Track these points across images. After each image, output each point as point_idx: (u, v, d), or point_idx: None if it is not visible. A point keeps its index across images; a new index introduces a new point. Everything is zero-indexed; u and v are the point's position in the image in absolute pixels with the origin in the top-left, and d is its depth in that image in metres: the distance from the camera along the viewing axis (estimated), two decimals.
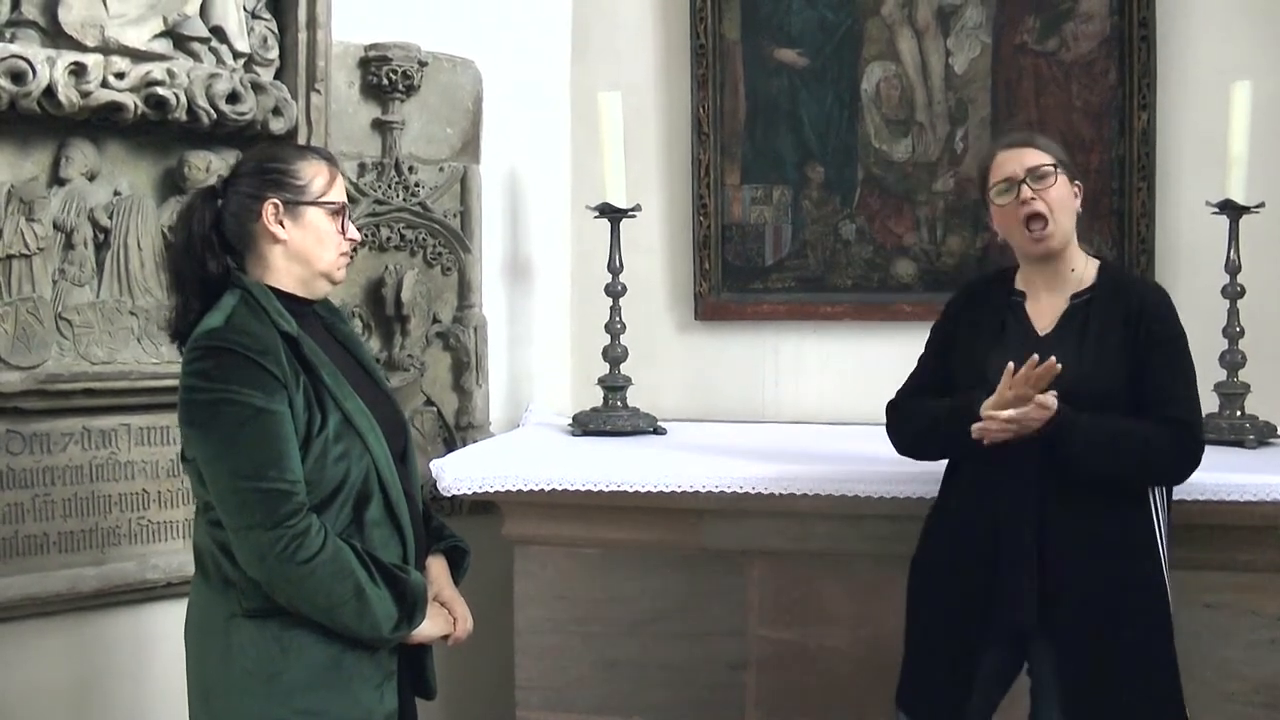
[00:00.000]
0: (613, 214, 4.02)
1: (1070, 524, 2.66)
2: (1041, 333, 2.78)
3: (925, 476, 3.10)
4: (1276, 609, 3.24)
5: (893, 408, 2.99)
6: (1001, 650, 2.77)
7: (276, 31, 3.70)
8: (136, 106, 3.35)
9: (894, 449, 2.99)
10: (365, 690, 2.37)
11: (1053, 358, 2.55)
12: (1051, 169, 2.75)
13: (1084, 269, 2.83)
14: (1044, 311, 2.81)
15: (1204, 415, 3.64)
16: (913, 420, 2.93)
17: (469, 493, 3.49)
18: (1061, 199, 2.75)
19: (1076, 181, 2.83)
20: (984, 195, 2.88)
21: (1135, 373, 2.68)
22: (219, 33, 3.51)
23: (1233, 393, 3.68)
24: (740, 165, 4.37)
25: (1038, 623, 2.68)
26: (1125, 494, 2.71)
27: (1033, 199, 2.72)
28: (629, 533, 3.55)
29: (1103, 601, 2.66)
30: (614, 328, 4.08)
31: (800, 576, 3.43)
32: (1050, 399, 2.57)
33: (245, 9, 3.60)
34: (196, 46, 3.47)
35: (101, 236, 3.49)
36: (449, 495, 3.51)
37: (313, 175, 2.44)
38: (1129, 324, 2.71)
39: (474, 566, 2.74)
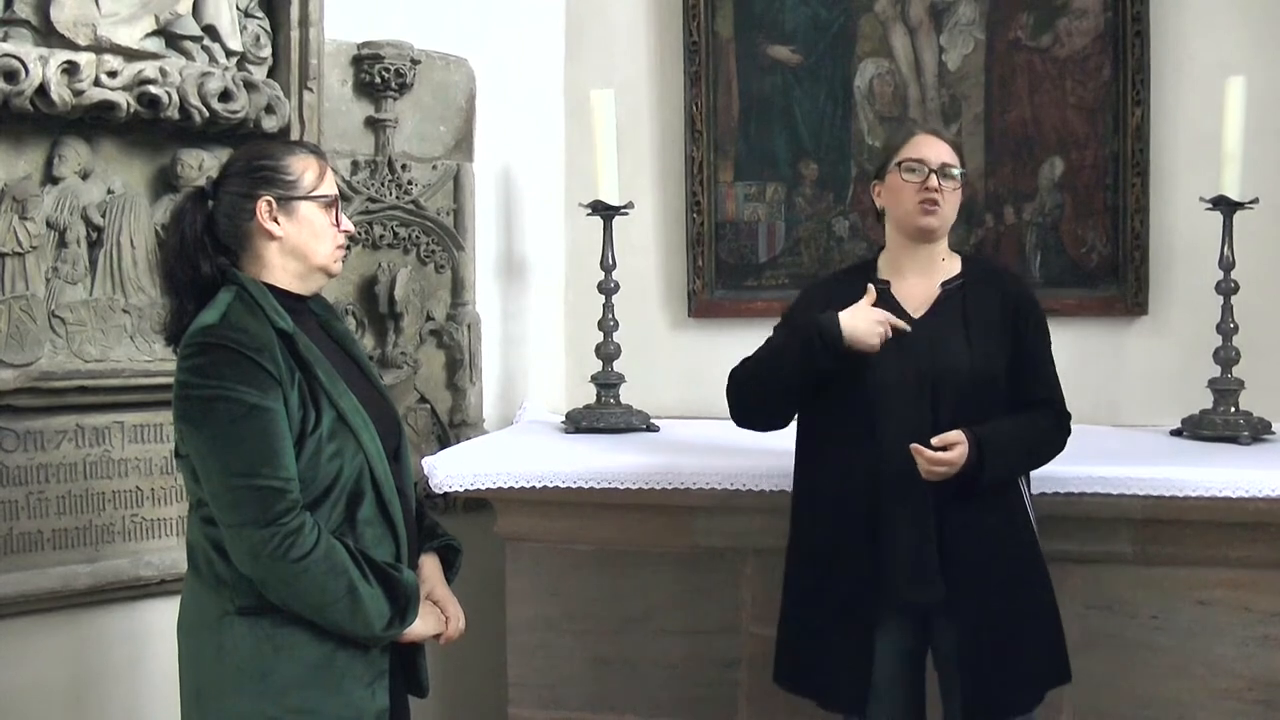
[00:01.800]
0: (606, 211, 4.02)
1: (961, 503, 2.73)
2: (915, 314, 2.86)
3: None
4: (1269, 605, 3.24)
5: (732, 372, 3.03)
6: (903, 631, 2.84)
7: (269, 30, 3.70)
8: (129, 105, 3.35)
9: (731, 417, 3.03)
10: (357, 688, 2.37)
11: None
12: (959, 174, 2.88)
13: (950, 259, 2.96)
14: (913, 295, 2.88)
15: (1199, 411, 3.69)
16: (755, 365, 2.96)
17: (460, 490, 3.49)
18: (954, 201, 2.89)
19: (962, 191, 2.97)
20: (883, 166, 2.95)
21: (1013, 355, 2.83)
22: (211, 31, 3.50)
23: (1227, 389, 3.68)
24: (734, 162, 4.36)
25: (940, 602, 2.77)
26: None
27: (937, 190, 2.82)
28: (621, 530, 3.55)
29: (996, 573, 2.77)
30: (607, 325, 4.07)
31: None
32: (957, 435, 2.68)
33: (238, 7, 3.60)
34: (189, 45, 3.47)
35: (95, 234, 3.50)
36: (441, 492, 3.51)
37: (303, 170, 2.44)
38: (1005, 309, 2.86)
39: (466, 564, 2.74)
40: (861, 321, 2.74)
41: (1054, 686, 2.89)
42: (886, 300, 2.85)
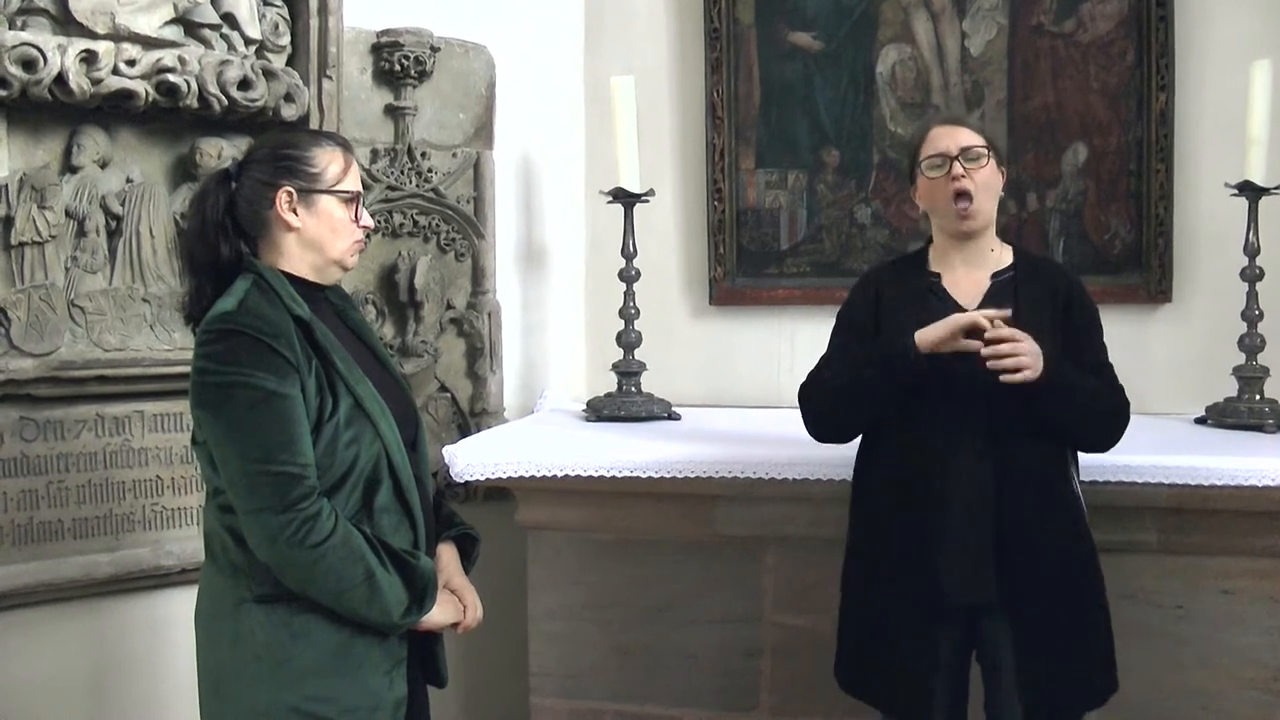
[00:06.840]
0: (626, 199, 4.01)
1: (1020, 503, 2.70)
2: (966, 306, 2.79)
3: None
4: None
5: (805, 388, 2.96)
6: (953, 628, 2.79)
7: (288, 18, 3.70)
8: (148, 94, 3.35)
9: (809, 432, 2.95)
10: (374, 676, 2.36)
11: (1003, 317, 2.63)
12: (984, 151, 2.80)
13: (1000, 250, 2.89)
14: (964, 289, 2.84)
15: (1223, 399, 3.67)
16: (833, 383, 2.88)
17: (481, 479, 3.48)
18: (988, 181, 2.81)
19: (1003, 168, 2.88)
20: (913, 166, 2.91)
21: (1064, 350, 2.75)
22: (230, 19, 3.50)
23: (1252, 376, 3.65)
24: (755, 149, 4.35)
25: (994, 601, 2.73)
26: (1057, 466, 2.79)
27: (963, 176, 2.76)
28: (643, 519, 3.54)
29: (1054, 574, 2.73)
30: (628, 313, 4.06)
31: (814, 562, 3.40)
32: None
33: None
34: (208, 33, 3.46)
35: (114, 224, 3.51)
36: (461, 481, 3.51)
37: (327, 163, 2.42)
38: (1056, 303, 2.78)
39: (488, 553, 2.74)
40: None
41: (1105, 699, 2.82)
42: (936, 294, 2.82)
